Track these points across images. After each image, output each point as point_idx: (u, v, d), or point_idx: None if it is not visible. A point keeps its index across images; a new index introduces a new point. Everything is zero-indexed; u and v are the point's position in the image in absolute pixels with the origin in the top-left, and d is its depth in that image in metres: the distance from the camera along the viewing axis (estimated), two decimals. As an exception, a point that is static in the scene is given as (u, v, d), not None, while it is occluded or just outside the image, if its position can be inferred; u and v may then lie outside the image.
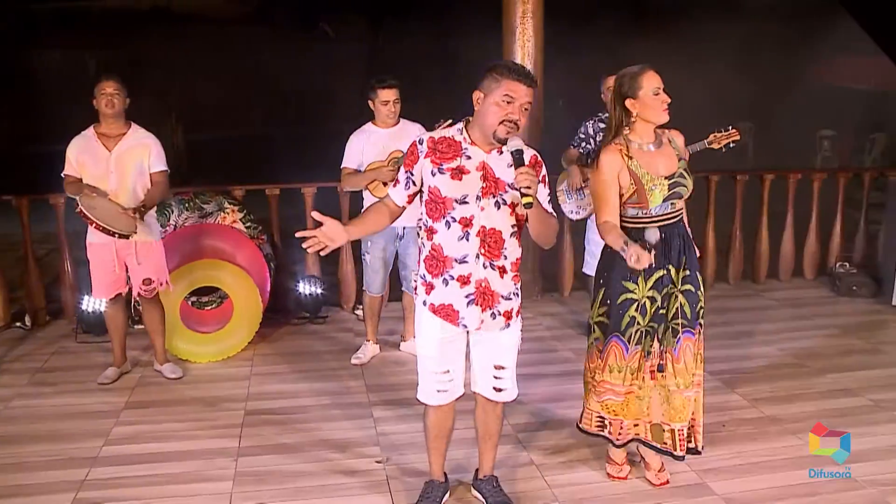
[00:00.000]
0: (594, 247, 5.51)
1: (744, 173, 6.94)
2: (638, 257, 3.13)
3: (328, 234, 2.94)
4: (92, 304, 5.61)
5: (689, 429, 3.60)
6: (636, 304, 3.45)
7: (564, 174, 5.49)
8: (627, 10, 14.84)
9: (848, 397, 4.65)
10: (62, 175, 4.71)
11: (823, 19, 13.32)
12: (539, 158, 3.10)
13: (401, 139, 4.79)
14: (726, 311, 6.25)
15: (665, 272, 3.43)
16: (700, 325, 3.53)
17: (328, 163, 5.36)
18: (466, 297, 3.09)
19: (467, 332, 3.21)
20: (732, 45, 13.55)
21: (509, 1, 6.13)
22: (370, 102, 4.92)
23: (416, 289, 3.24)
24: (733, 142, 4.99)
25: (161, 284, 4.88)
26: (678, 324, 3.48)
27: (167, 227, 5.74)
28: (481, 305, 3.10)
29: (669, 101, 3.32)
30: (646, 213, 3.39)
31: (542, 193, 3.07)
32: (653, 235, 3.29)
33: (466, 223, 3.02)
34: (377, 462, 3.91)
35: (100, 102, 4.63)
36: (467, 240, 3.03)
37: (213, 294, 5.86)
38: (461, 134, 3.06)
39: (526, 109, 2.96)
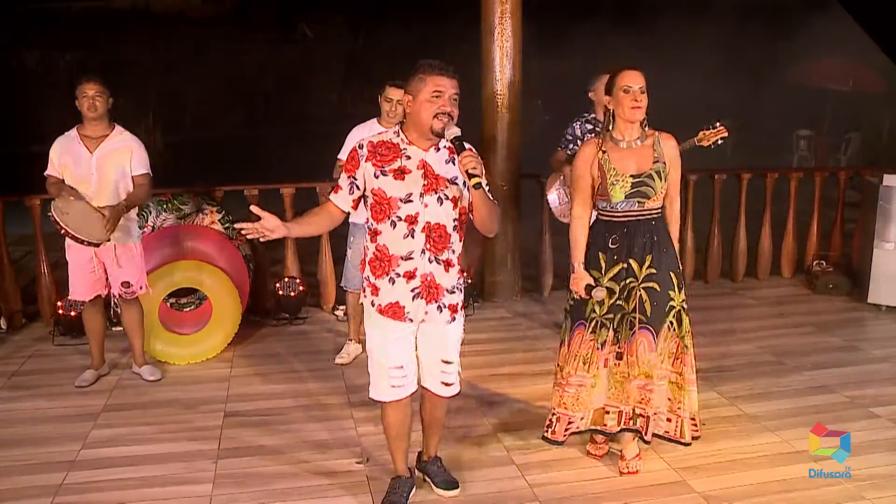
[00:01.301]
0: None
1: (721, 172, 6.98)
2: (577, 283, 3.54)
3: (266, 226, 3.05)
4: (69, 306, 5.56)
5: (674, 420, 3.65)
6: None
7: (553, 176, 5.47)
8: (607, 11, 14.92)
9: (825, 394, 4.69)
10: (45, 175, 4.66)
11: (802, 20, 13.44)
12: (475, 151, 3.12)
13: None
14: (705, 310, 6.28)
15: (625, 266, 3.54)
16: (671, 324, 3.58)
17: (307, 163, 5.35)
18: (412, 290, 3.19)
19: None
20: (711, 46, 13.66)
21: (488, 1, 6.14)
22: (380, 98, 4.96)
23: (364, 290, 3.32)
24: (721, 138, 5.00)
25: (140, 288, 4.85)
26: (635, 318, 3.57)
27: (145, 228, 5.69)
28: (426, 298, 3.20)
29: (639, 100, 3.44)
30: (612, 207, 3.54)
31: (482, 181, 3.15)
32: (599, 293, 3.48)
33: (412, 220, 3.12)
34: (358, 463, 3.91)
35: (82, 105, 4.57)
36: (413, 237, 3.14)
37: (192, 295, 5.82)
38: (398, 136, 3.17)
39: (455, 100, 3.09)
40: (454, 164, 3.13)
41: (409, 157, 3.13)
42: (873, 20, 8.87)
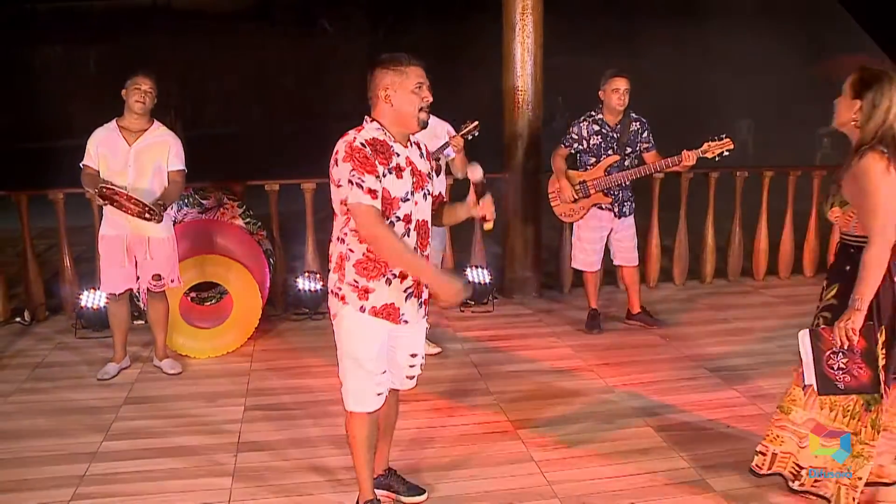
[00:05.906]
0: (586, 244, 5.56)
1: (743, 170, 6.93)
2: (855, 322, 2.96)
3: (442, 297, 2.99)
4: (91, 299, 5.61)
5: None
6: None
7: (554, 178, 5.48)
8: (630, 7, 14.84)
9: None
10: (81, 165, 4.70)
11: (824, 18, 13.33)
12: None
13: (430, 137, 4.53)
14: (725, 308, 6.26)
15: None
16: None
17: (328, 158, 5.34)
18: (405, 290, 3.09)
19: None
20: (733, 43, 13.57)
21: (509, -3, 6.14)
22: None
23: (343, 297, 3.06)
24: (727, 150, 5.02)
25: (172, 281, 4.90)
26: None
27: (167, 223, 5.74)
28: (417, 296, 3.14)
29: None
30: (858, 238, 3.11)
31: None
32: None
33: (408, 219, 3.03)
34: (376, 458, 3.91)
35: (131, 96, 4.64)
36: (408, 235, 3.05)
37: (213, 290, 5.86)
38: (384, 133, 3.01)
39: (430, 88, 3.05)
40: (423, 157, 3.14)
41: (398, 155, 3.00)
42: (872, 19, 8.80)
